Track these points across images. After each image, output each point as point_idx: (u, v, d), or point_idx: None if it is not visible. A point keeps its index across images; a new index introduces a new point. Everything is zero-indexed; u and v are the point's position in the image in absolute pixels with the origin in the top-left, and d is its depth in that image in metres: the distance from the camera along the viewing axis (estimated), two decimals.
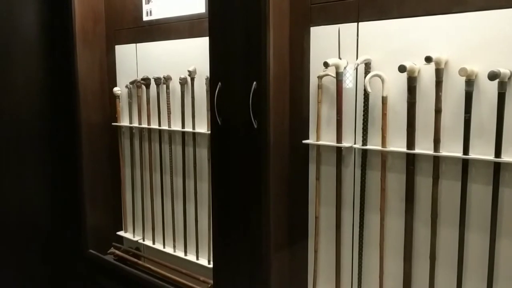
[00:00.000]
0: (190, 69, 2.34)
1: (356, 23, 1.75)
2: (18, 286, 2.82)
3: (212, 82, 1.94)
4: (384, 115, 1.69)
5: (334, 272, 1.92)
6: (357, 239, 1.84)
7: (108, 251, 2.85)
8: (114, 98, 2.83)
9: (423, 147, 1.63)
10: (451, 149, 1.57)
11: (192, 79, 2.36)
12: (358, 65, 1.72)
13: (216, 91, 1.90)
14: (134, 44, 2.71)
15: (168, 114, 2.53)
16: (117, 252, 2.83)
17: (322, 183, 1.92)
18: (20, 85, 2.72)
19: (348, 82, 1.79)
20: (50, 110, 2.86)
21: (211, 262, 2.35)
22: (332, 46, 1.81)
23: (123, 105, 2.83)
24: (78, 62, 2.72)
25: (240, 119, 1.83)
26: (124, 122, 2.83)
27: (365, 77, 1.70)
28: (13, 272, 2.78)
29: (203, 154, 2.40)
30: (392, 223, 1.74)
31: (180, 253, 2.59)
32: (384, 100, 1.69)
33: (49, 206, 2.93)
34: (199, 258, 2.49)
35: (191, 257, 2.53)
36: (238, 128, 1.86)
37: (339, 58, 1.78)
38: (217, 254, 2.05)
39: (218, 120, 1.91)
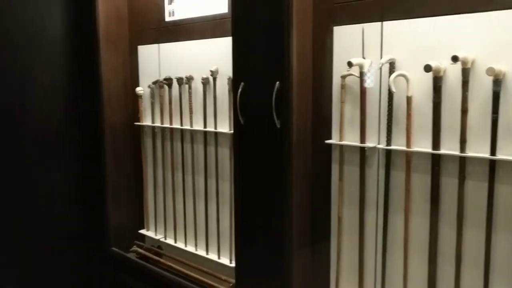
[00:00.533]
0: (212, 69, 2.35)
1: (380, 23, 1.74)
2: (41, 283, 2.87)
3: (235, 82, 1.95)
4: (408, 115, 1.68)
5: (357, 272, 1.90)
6: (380, 240, 1.82)
7: (131, 249, 2.89)
8: (136, 98, 2.86)
9: (449, 148, 1.61)
10: (478, 149, 1.54)
11: (214, 79, 2.38)
12: (382, 64, 1.70)
13: (239, 91, 1.91)
14: (157, 45, 2.73)
15: (190, 113, 2.54)
16: (139, 250, 2.86)
17: (345, 183, 1.91)
18: (47, 85, 2.77)
19: (369, 82, 1.78)
20: (75, 110, 2.91)
21: (233, 261, 2.37)
22: (355, 46, 1.80)
23: (145, 105, 2.85)
24: (102, 62, 2.76)
25: (263, 118, 1.84)
26: (147, 121, 2.86)
27: (389, 76, 1.69)
28: (37, 269, 2.83)
29: (225, 153, 2.41)
30: (416, 224, 1.73)
31: (201, 252, 2.61)
32: (408, 100, 1.67)
33: (74, 204, 2.97)
34: (221, 257, 2.50)
35: (213, 256, 2.54)
36: (261, 127, 1.86)
37: (363, 57, 1.77)
38: (240, 254, 2.06)
39: (241, 120, 1.92)
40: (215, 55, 2.37)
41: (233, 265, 2.35)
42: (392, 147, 1.74)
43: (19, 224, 2.74)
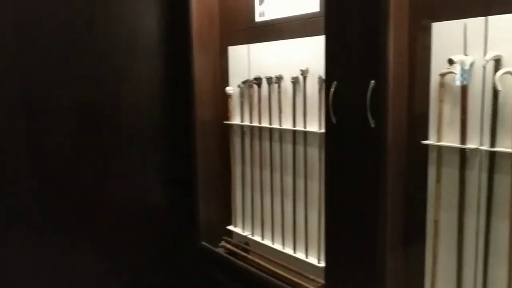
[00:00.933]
0: (303, 68, 2.35)
1: (484, 17, 1.64)
2: (132, 275, 3.03)
3: (327, 81, 1.93)
4: None
5: (455, 279, 1.82)
6: (482, 247, 1.73)
7: (219, 244, 2.97)
8: (226, 97, 2.94)
9: None
10: None
11: (304, 79, 2.38)
12: (487, 62, 1.61)
13: (332, 90, 1.89)
14: (247, 45, 2.78)
15: (279, 113, 2.57)
16: (227, 245, 2.94)
17: (443, 186, 1.83)
18: (143, 83, 2.93)
19: (462, 80, 1.68)
20: (168, 108, 3.05)
21: (321, 261, 2.36)
22: (456, 43, 1.72)
23: (234, 104, 2.92)
24: (195, 62, 2.87)
25: (356, 118, 1.81)
26: (236, 120, 2.92)
27: (494, 74, 1.60)
28: (127, 260, 3.00)
29: (314, 153, 2.40)
30: None
31: (289, 250, 2.62)
32: None
33: (165, 198, 3.12)
34: (308, 256, 2.49)
35: (300, 254, 2.54)
36: (354, 127, 1.84)
37: (465, 54, 1.69)
38: (330, 254, 2.04)
39: (333, 119, 1.91)
40: (305, 55, 2.37)
41: (321, 265, 2.35)
42: (497, 149, 1.64)
43: (110, 217, 2.91)
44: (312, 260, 2.46)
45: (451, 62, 1.67)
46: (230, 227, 3.07)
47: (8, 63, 2.46)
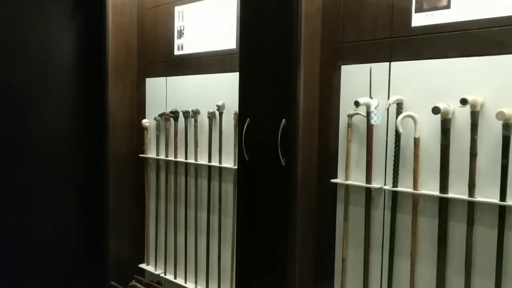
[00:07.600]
0: (219, 103, 2.35)
1: (388, 63, 1.73)
2: None
3: (240, 118, 1.93)
4: (416, 156, 1.65)
5: None
6: (385, 284, 1.77)
7: (129, 284, 2.82)
8: (142, 129, 2.86)
9: (457, 191, 1.57)
10: (487, 194, 1.51)
11: (221, 114, 2.37)
12: (390, 105, 1.69)
13: (245, 127, 1.89)
14: (164, 78, 2.75)
15: (195, 147, 2.53)
16: (138, 285, 2.80)
17: (350, 224, 1.87)
18: (53, 114, 2.77)
19: (376, 119, 1.76)
20: (80, 140, 2.90)
21: None
22: (363, 85, 1.79)
23: (150, 137, 2.84)
24: (109, 93, 2.77)
25: (268, 156, 1.81)
26: (151, 154, 2.84)
27: (396, 117, 1.68)
28: None
29: (229, 189, 2.38)
30: (423, 269, 1.67)
31: None
32: (416, 141, 1.65)
33: (74, 234, 2.93)
34: None
35: None
36: (266, 164, 1.84)
37: (370, 97, 1.76)
38: None
39: (246, 157, 1.90)
40: (222, 90, 2.37)
41: None
42: (399, 188, 1.71)
43: (17, 252, 2.69)
44: None
45: (357, 104, 1.73)
46: (142, 265, 2.93)
47: None
